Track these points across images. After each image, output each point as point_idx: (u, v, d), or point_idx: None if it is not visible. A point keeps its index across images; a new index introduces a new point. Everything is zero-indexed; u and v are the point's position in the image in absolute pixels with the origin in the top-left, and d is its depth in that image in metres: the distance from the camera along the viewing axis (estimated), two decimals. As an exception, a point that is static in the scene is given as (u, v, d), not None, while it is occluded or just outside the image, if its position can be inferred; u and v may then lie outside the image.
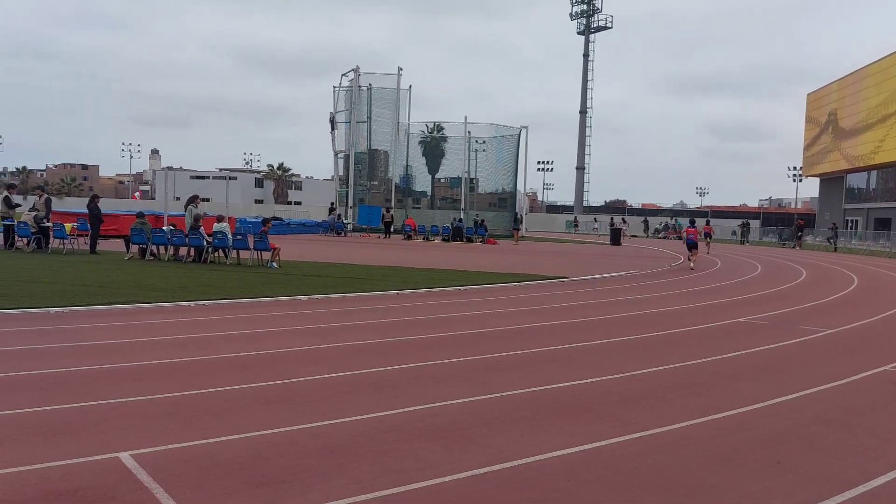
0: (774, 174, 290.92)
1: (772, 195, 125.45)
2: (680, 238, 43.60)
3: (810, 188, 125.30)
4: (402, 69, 44.66)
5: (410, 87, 45.47)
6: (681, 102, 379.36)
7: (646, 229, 65.08)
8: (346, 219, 42.80)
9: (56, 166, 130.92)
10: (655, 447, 4.87)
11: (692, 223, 23.98)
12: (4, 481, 3.91)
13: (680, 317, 11.60)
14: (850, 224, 61.05)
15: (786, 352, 8.73)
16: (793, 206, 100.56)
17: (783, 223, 67.08)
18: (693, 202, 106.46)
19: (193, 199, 20.32)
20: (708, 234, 30.38)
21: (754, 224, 62.76)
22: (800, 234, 46.35)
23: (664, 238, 57.51)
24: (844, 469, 4.58)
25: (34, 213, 20.23)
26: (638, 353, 8.26)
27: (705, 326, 10.60)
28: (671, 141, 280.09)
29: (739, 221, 57.77)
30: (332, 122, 45.21)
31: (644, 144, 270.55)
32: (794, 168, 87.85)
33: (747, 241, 51.58)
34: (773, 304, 13.63)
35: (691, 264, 22.63)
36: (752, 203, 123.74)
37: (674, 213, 79.23)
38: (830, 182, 68.57)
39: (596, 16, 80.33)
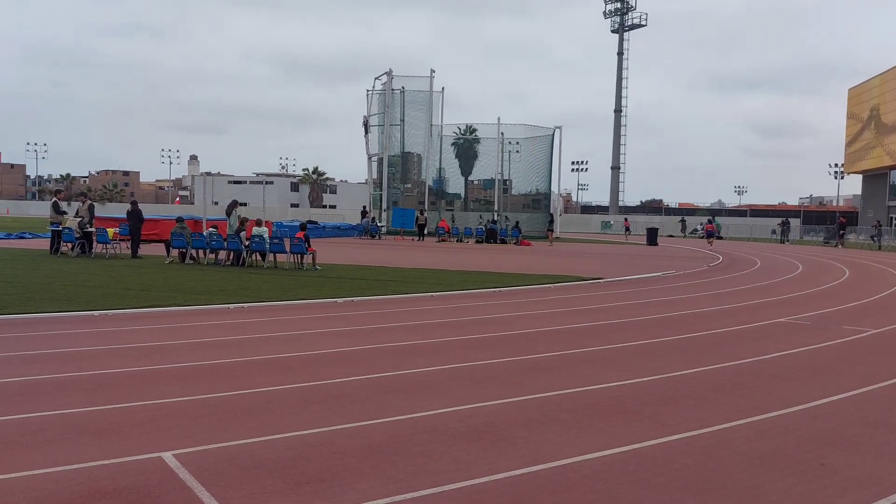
0: (815, 171, 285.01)
1: (812, 193, 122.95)
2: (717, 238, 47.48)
3: (852, 185, 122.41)
4: (434, 71, 44.63)
5: (443, 89, 45.41)
6: (718, 100, 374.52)
7: (683, 229, 64.21)
8: (380, 221, 43.00)
9: (98, 173, 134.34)
10: (696, 448, 4.81)
11: (709, 221, 44.51)
12: (52, 480, 4.02)
13: (719, 317, 11.43)
14: (894, 222, 59.46)
15: (829, 352, 8.55)
16: (834, 203, 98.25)
17: (825, 221, 65.65)
18: (731, 201, 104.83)
19: (235, 205, 20.73)
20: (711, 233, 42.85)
21: (795, 223, 61.46)
22: (842, 232, 45.26)
23: (702, 238, 56.64)
24: (891, 472, 4.47)
25: (78, 219, 20.79)
26: (677, 354, 8.16)
27: (746, 327, 10.43)
28: (709, 139, 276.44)
29: (779, 220, 56.62)
30: (366, 125, 45.48)
31: (681, 143, 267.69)
32: (836, 165, 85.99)
33: (787, 241, 50.56)
34: (816, 304, 13.35)
35: (710, 247, 36.72)
36: (792, 201, 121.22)
37: (712, 212, 77.98)
38: (874, 179, 66.88)
39: (630, 14, 79.67)
